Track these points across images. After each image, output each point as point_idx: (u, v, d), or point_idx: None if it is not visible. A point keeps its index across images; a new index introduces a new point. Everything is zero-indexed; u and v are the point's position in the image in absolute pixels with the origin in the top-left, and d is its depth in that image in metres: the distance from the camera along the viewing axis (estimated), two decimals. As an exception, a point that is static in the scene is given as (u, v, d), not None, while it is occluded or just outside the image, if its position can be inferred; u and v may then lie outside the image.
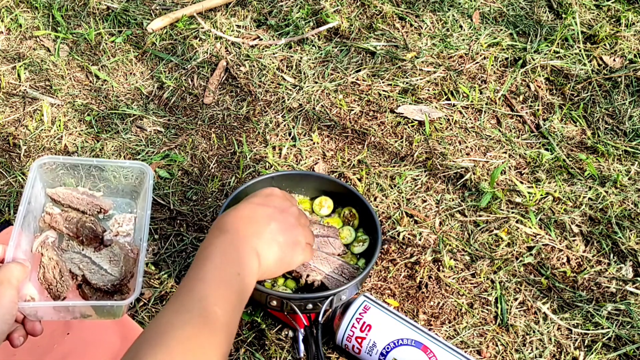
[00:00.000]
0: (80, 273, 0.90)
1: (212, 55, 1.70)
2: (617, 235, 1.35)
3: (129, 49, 1.71)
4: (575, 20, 1.80)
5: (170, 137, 1.51)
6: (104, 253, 0.94)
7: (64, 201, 0.99)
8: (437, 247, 1.32)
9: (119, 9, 1.80)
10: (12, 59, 1.68)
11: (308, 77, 1.65)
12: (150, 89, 1.63)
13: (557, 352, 1.18)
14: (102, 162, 1.01)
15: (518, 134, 1.55)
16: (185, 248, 1.30)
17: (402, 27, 1.80)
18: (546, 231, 1.35)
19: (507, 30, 1.80)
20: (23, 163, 1.45)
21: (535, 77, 1.68)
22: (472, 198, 1.40)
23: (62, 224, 0.96)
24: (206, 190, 1.41)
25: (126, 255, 0.94)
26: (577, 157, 1.50)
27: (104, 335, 1.10)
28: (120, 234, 0.99)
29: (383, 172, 1.45)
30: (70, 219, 0.97)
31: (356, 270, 1.15)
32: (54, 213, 0.97)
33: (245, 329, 1.18)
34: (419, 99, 1.61)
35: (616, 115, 1.60)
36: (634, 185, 1.44)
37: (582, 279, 1.28)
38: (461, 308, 1.22)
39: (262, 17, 1.82)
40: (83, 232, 0.96)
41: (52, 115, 1.54)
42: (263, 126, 1.54)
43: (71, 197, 0.99)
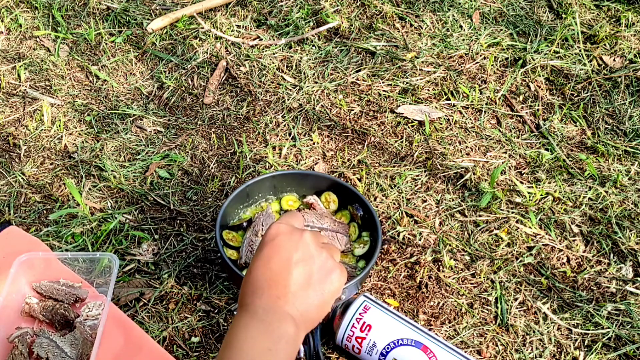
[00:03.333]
0: (45, 356, 1.04)
1: (212, 55, 1.70)
2: (617, 235, 1.35)
3: (129, 49, 1.71)
4: (575, 20, 1.80)
5: (170, 137, 1.51)
6: (67, 337, 1.07)
7: (46, 293, 1.14)
8: (437, 247, 1.32)
9: (119, 9, 1.80)
10: (12, 59, 1.68)
11: (308, 77, 1.65)
12: (150, 89, 1.63)
13: (557, 352, 1.18)
14: (75, 255, 1.16)
15: (518, 134, 1.55)
16: (185, 248, 1.30)
17: (402, 27, 1.80)
18: (546, 231, 1.35)
19: (507, 30, 1.80)
20: (23, 163, 1.45)
21: (535, 77, 1.68)
22: (472, 198, 1.40)
23: (39, 312, 1.11)
24: (206, 190, 1.41)
25: (85, 339, 1.07)
26: (577, 157, 1.50)
27: (106, 336, 1.10)
28: (89, 318, 1.11)
29: (383, 172, 1.45)
30: (47, 307, 1.11)
31: (354, 269, 1.15)
32: (31, 303, 1.12)
33: (245, 329, 1.18)
34: (419, 99, 1.61)
35: (616, 115, 1.60)
36: (634, 185, 1.44)
37: (582, 279, 1.28)
38: (461, 308, 1.22)
39: (262, 17, 1.82)
40: (56, 319, 1.10)
41: (52, 115, 1.54)
42: (263, 126, 1.54)
43: (52, 289, 1.14)
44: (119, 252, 1.28)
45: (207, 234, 1.32)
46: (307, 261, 0.79)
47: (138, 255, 1.28)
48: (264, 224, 1.23)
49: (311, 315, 0.78)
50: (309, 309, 0.77)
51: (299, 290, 0.77)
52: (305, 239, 0.81)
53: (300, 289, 0.77)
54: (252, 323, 0.75)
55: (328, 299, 0.79)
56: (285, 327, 0.75)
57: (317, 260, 0.80)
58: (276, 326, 0.74)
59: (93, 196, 1.39)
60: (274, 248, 0.80)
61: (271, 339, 0.73)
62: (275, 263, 0.78)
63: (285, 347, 0.74)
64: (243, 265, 1.19)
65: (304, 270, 0.78)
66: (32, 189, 1.39)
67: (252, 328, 0.74)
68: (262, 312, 0.75)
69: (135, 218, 1.35)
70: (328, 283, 0.79)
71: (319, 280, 0.79)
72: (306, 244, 0.80)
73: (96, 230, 1.32)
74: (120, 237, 1.30)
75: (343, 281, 0.81)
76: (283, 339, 0.74)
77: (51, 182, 1.41)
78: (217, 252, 1.27)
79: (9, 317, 1.11)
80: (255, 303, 0.76)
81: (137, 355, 1.09)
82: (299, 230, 0.82)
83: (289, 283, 0.77)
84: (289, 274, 0.77)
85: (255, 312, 0.75)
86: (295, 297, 0.77)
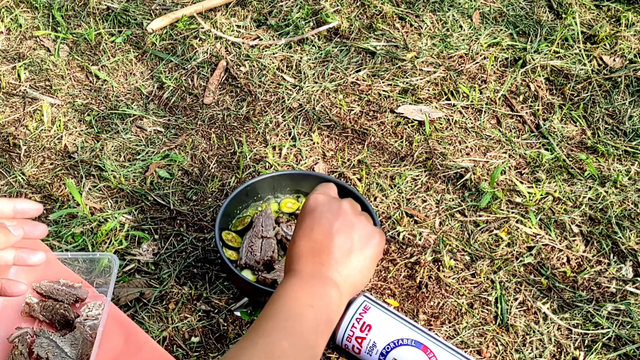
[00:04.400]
0: (45, 356, 1.04)
1: (212, 55, 1.70)
2: (617, 235, 1.35)
3: (129, 49, 1.71)
4: (575, 20, 1.80)
5: (170, 137, 1.51)
6: (67, 337, 1.07)
7: (46, 293, 1.13)
8: (437, 247, 1.32)
9: (119, 9, 1.80)
10: (12, 59, 1.68)
11: (308, 77, 1.65)
12: (150, 89, 1.63)
13: (557, 352, 1.18)
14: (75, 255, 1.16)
15: (518, 134, 1.55)
16: (185, 248, 1.30)
17: (402, 27, 1.80)
18: (546, 231, 1.35)
19: (507, 30, 1.80)
20: (23, 163, 1.45)
21: (535, 77, 1.68)
22: (472, 198, 1.40)
23: (39, 312, 1.11)
24: (206, 190, 1.41)
25: (85, 339, 1.06)
26: (577, 157, 1.50)
27: (106, 336, 1.10)
28: (89, 318, 1.11)
29: (383, 172, 1.45)
30: (47, 307, 1.11)
31: None
32: (32, 303, 1.12)
33: (246, 329, 1.18)
34: (419, 99, 1.61)
35: (616, 115, 1.60)
36: (634, 185, 1.44)
37: (582, 279, 1.28)
38: (461, 308, 1.22)
39: (262, 17, 1.82)
40: (56, 319, 1.10)
41: (52, 115, 1.54)
42: (263, 126, 1.54)
43: (52, 289, 1.14)
44: (119, 252, 1.28)
45: (207, 234, 1.32)
46: (348, 229, 0.82)
47: (138, 255, 1.28)
48: (263, 225, 1.23)
49: (354, 280, 0.81)
50: (352, 273, 0.80)
51: (342, 257, 0.80)
52: (344, 207, 0.84)
53: (343, 256, 0.80)
54: (296, 283, 0.78)
55: (370, 264, 0.82)
56: (328, 289, 0.78)
57: (357, 227, 0.82)
58: (320, 287, 0.78)
59: (93, 196, 1.39)
60: (315, 218, 0.83)
61: (313, 298, 0.76)
62: (317, 233, 0.81)
63: (328, 307, 0.77)
64: (243, 265, 1.19)
65: (346, 238, 0.81)
66: (32, 189, 1.39)
67: (296, 287, 0.78)
68: (307, 276, 0.79)
69: (135, 218, 1.35)
70: (369, 248, 0.82)
71: (360, 246, 0.82)
72: (345, 212, 0.83)
73: (96, 230, 1.32)
74: (120, 237, 1.30)
75: (383, 245, 0.85)
76: (325, 299, 0.77)
77: (51, 182, 1.41)
78: (217, 252, 1.27)
79: (9, 317, 1.11)
80: (300, 269, 0.80)
81: (137, 355, 1.09)
82: (337, 200, 0.86)
83: (332, 251, 0.80)
84: (332, 243, 0.80)
85: (301, 275, 0.79)
86: (339, 264, 0.80)
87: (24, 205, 0.89)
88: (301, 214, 0.85)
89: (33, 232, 0.90)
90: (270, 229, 1.23)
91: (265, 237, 1.21)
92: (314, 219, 0.83)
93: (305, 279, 0.79)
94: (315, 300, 0.77)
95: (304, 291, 0.78)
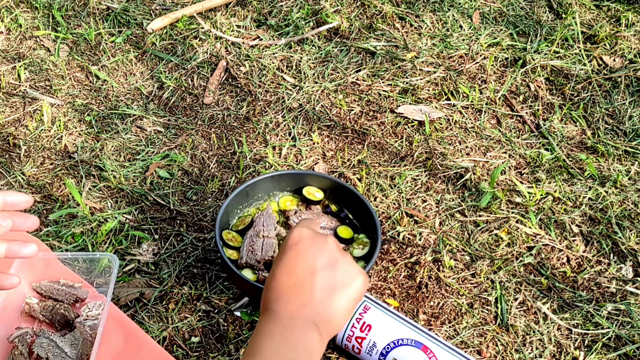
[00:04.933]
0: (45, 356, 1.04)
1: (212, 55, 1.70)
2: (617, 235, 1.35)
3: (129, 49, 1.71)
4: (575, 20, 1.80)
5: (170, 137, 1.51)
6: (67, 337, 1.07)
7: (45, 293, 1.13)
8: (437, 247, 1.32)
9: (119, 9, 1.80)
10: (12, 59, 1.68)
11: (308, 77, 1.65)
12: (150, 89, 1.63)
13: (557, 352, 1.18)
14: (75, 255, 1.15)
15: (518, 134, 1.55)
16: (185, 248, 1.30)
17: (402, 27, 1.80)
18: (546, 231, 1.35)
19: (507, 30, 1.80)
20: (23, 163, 1.45)
21: (535, 77, 1.68)
22: (472, 198, 1.40)
23: (39, 312, 1.11)
24: (206, 190, 1.41)
25: (85, 339, 1.06)
26: (577, 157, 1.50)
27: (106, 336, 1.10)
28: (89, 318, 1.11)
29: (383, 172, 1.45)
30: (47, 307, 1.11)
31: None
32: (32, 303, 1.12)
33: (246, 329, 1.18)
34: (419, 99, 1.61)
35: (616, 115, 1.60)
36: (634, 185, 1.44)
37: (582, 279, 1.28)
38: (461, 308, 1.22)
39: (262, 17, 1.82)
40: (56, 319, 1.10)
41: (52, 115, 1.54)
42: (263, 126, 1.54)
43: (52, 289, 1.13)
44: (119, 252, 1.28)
45: (207, 234, 1.32)
46: (332, 267, 0.78)
47: (138, 255, 1.28)
48: (264, 224, 1.23)
49: (335, 322, 0.77)
50: (333, 315, 0.76)
51: (324, 297, 0.76)
52: (329, 243, 0.80)
53: (325, 295, 0.76)
54: (277, 331, 0.74)
55: (351, 306, 0.78)
56: (310, 336, 0.74)
57: (342, 265, 0.79)
58: (301, 336, 0.74)
59: (93, 196, 1.38)
60: (298, 254, 0.79)
61: (296, 350, 0.73)
62: (299, 269, 0.77)
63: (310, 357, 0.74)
64: (243, 265, 1.19)
65: (329, 276, 0.77)
66: (32, 189, 1.39)
67: (277, 337, 0.74)
68: (287, 320, 0.74)
69: (135, 218, 1.35)
70: (352, 289, 0.78)
71: (344, 286, 0.78)
72: (330, 249, 0.79)
73: (96, 230, 1.32)
74: (120, 237, 1.30)
75: (366, 288, 0.80)
76: (308, 350, 0.74)
77: (51, 182, 1.41)
78: (217, 252, 1.27)
79: (9, 317, 1.11)
80: (280, 310, 0.76)
81: (137, 355, 1.09)
82: (322, 235, 0.81)
83: (313, 289, 0.76)
84: (314, 280, 0.76)
85: (280, 319, 0.75)
86: (320, 304, 0.76)
87: (14, 198, 0.86)
88: (283, 246, 0.81)
89: (23, 224, 0.86)
90: (272, 229, 1.23)
91: (266, 237, 1.21)
92: (297, 253, 0.79)
93: (286, 324, 0.74)
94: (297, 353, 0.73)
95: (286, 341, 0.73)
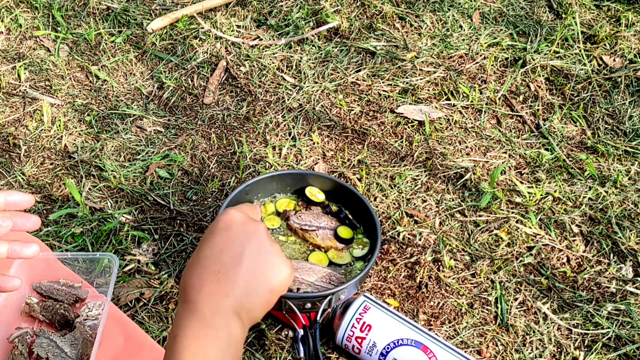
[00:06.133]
0: (45, 356, 1.04)
1: (212, 55, 1.70)
2: (617, 235, 1.35)
3: (129, 49, 1.71)
4: (575, 20, 1.80)
5: (170, 137, 1.51)
6: (67, 337, 1.07)
7: (45, 293, 1.13)
8: (437, 247, 1.32)
9: (119, 9, 1.80)
10: (12, 59, 1.68)
11: (308, 77, 1.65)
12: (150, 89, 1.63)
13: (557, 352, 1.18)
14: (75, 255, 1.15)
15: (518, 134, 1.55)
16: (185, 248, 1.30)
17: (402, 27, 1.80)
18: (546, 231, 1.35)
19: (507, 30, 1.80)
20: (23, 163, 1.45)
21: (535, 77, 1.68)
22: (472, 198, 1.40)
23: (39, 312, 1.10)
24: (206, 190, 1.41)
25: (85, 339, 1.06)
26: (577, 157, 1.50)
27: (106, 336, 1.10)
28: (89, 318, 1.11)
29: (383, 172, 1.45)
30: (47, 307, 1.11)
31: (343, 276, 1.15)
32: (32, 303, 1.11)
33: (245, 329, 1.18)
34: (419, 99, 1.61)
35: (616, 115, 1.60)
36: (634, 185, 1.44)
37: (582, 279, 1.28)
38: (461, 308, 1.22)
39: (262, 17, 1.82)
40: (56, 319, 1.10)
41: (52, 115, 1.54)
42: (263, 126, 1.54)
43: (52, 289, 1.13)
44: (119, 252, 1.28)
45: (207, 234, 1.32)
46: (259, 256, 0.75)
47: (138, 255, 1.28)
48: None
49: (256, 312, 0.75)
50: (254, 306, 0.74)
51: (248, 287, 0.73)
52: (261, 231, 0.77)
53: (249, 284, 0.73)
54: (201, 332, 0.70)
55: (273, 299, 0.76)
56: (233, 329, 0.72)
57: (270, 256, 0.76)
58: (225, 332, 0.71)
59: (93, 196, 1.39)
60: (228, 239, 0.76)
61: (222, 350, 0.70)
62: (226, 255, 0.74)
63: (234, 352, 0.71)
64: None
65: (255, 265, 0.74)
66: (32, 189, 1.39)
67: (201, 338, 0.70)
68: (210, 315, 0.71)
69: (135, 218, 1.35)
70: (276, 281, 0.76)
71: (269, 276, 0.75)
72: (261, 237, 0.76)
73: (96, 230, 1.32)
74: (120, 237, 1.30)
75: (290, 281, 0.77)
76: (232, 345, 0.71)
77: (51, 182, 1.41)
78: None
79: (9, 317, 1.11)
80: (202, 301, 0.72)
81: (137, 355, 1.09)
82: (253, 222, 0.78)
83: (237, 278, 0.73)
84: (239, 269, 0.73)
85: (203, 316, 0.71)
86: (243, 294, 0.73)
87: (15, 197, 0.86)
88: (211, 228, 0.77)
89: (25, 224, 0.86)
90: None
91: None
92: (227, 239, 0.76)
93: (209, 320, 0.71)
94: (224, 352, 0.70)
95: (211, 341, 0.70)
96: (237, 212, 0.78)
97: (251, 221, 0.78)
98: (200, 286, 0.73)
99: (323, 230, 1.22)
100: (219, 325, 0.71)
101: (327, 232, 1.22)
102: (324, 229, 1.22)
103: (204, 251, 0.76)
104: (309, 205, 1.29)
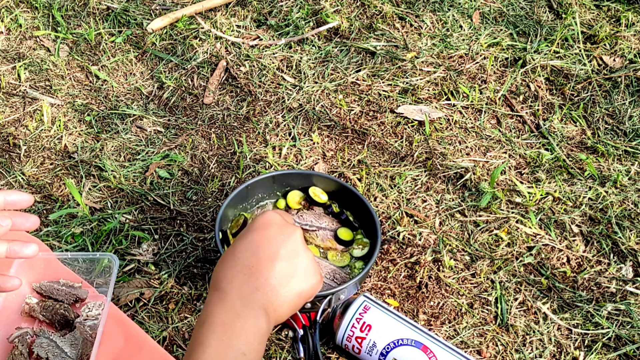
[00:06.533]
0: (45, 356, 1.04)
1: (212, 55, 1.70)
2: (617, 235, 1.35)
3: (129, 49, 1.71)
4: (575, 20, 1.80)
5: (170, 137, 1.51)
6: (67, 337, 1.07)
7: (45, 293, 1.13)
8: (437, 247, 1.32)
9: (119, 9, 1.80)
10: (12, 59, 1.68)
11: (308, 77, 1.65)
12: (150, 89, 1.63)
13: (557, 352, 1.18)
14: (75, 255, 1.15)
15: (518, 134, 1.55)
16: (185, 248, 1.30)
17: (402, 27, 1.80)
18: (546, 231, 1.35)
19: (507, 30, 1.80)
20: (23, 163, 1.45)
21: (535, 77, 1.68)
22: (472, 198, 1.40)
23: (39, 312, 1.10)
24: (206, 190, 1.41)
25: (85, 339, 1.06)
26: (577, 157, 1.50)
27: (106, 336, 1.10)
28: (89, 318, 1.11)
29: (383, 172, 1.45)
30: (47, 307, 1.11)
31: (348, 275, 1.15)
32: (31, 303, 1.11)
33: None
34: (419, 99, 1.61)
35: (616, 115, 1.60)
36: (634, 185, 1.44)
37: (582, 279, 1.28)
38: (461, 308, 1.22)
39: (262, 17, 1.82)
40: (56, 319, 1.10)
41: (52, 115, 1.54)
42: (263, 126, 1.54)
43: (52, 289, 1.13)
44: (119, 252, 1.28)
45: (207, 234, 1.32)
46: (293, 259, 0.78)
47: (138, 255, 1.28)
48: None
49: (282, 312, 0.77)
50: (282, 305, 0.76)
51: (278, 286, 0.76)
52: (296, 236, 0.80)
53: (280, 284, 0.76)
54: (228, 319, 0.73)
55: (300, 302, 0.78)
56: (260, 322, 0.74)
57: (303, 260, 0.78)
58: (252, 323, 0.73)
59: (93, 196, 1.39)
60: (264, 237, 0.78)
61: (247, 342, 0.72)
62: (262, 251, 0.77)
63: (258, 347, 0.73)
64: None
65: (288, 267, 0.77)
66: (32, 189, 1.39)
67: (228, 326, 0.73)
68: (240, 305, 0.74)
69: (135, 218, 1.35)
70: (306, 285, 0.78)
71: (300, 280, 0.78)
72: (296, 241, 0.79)
73: (96, 230, 1.32)
74: (120, 237, 1.30)
75: (317, 290, 0.80)
76: (257, 338, 0.73)
77: (51, 182, 1.41)
78: (217, 252, 1.27)
79: (9, 317, 1.11)
80: (233, 292, 0.75)
81: (137, 355, 1.09)
82: (291, 226, 0.81)
83: (270, 275, 0.75)
84: (273, 267, 0.76)
85: (232, 305, 0.74)
86: (273, 292, 0.75)
87: (15, 197, 0.86)
88: (250, 226, 0.80)
89: (24, 224, 0.87)
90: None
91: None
92: (264, 237, 0.79)
93: (238, 310, 0.73)
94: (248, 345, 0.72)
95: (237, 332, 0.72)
96: (275, 215, 0.81)
97: (289, 224, 0.81)
98: (232, 277, 0.75)
99: (323, 231, 1.22)
100: (247, 316, 0.73)
101: (327, 233, 1.22)
102: (324, 229, 1.23)
103: (239, 246, 0.78)
104: (312, 206, 1.29)
